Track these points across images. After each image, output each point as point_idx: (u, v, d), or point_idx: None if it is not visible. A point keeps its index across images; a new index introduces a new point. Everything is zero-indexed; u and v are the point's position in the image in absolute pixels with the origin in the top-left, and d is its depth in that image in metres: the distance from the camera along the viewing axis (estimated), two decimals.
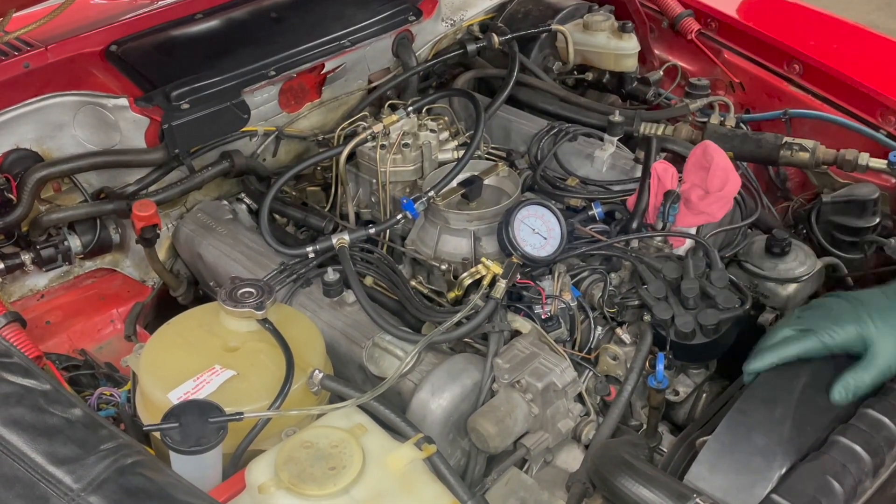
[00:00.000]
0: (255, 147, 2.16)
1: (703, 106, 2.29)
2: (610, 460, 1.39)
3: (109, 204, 1.98)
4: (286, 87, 2.16)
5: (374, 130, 1.99)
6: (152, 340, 1.54)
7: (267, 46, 2.16)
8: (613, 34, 2.40)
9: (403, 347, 1.61)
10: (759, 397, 1.42)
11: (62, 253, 2.00)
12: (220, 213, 2.06)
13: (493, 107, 2.18)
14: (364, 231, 1.84)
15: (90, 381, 1.78)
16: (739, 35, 2.41)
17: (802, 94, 2.27)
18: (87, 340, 2.01)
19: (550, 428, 1.54)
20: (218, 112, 2.01)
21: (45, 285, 2.07)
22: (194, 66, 2.07)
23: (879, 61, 2.27)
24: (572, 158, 2.09)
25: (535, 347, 1.57)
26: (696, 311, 1.65)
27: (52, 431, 1.29)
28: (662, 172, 1.88)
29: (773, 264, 1.86)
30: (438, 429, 1.52)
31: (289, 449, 1.30)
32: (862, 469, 1.32)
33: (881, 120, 2.12)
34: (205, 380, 1.42)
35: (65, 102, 1.97)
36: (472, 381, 1.55)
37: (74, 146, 2.00)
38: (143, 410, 1.49)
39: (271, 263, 1.85)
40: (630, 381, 1.62)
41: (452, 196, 1.88)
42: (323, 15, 2.28)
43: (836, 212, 2.04)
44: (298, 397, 1.45)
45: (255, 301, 1.52)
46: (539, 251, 1.71)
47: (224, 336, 1.53)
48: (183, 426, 1.29)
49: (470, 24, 2.49)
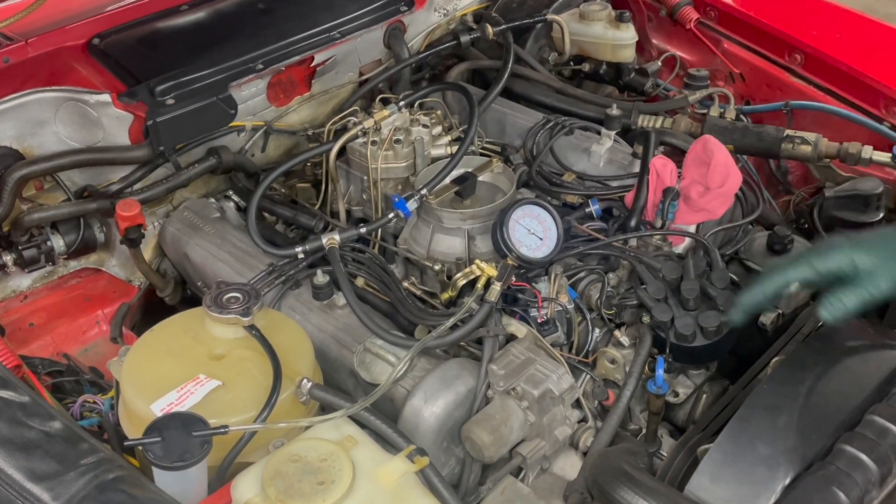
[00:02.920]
0: (244, 142, 2.11)
1: (702, 97, 2.25)
2: (609, 470, 1.35)
3: (93, 203, 1.93)
4: (274, 80, 2.11)
5: (364, 126, 1.94)
6: (135, 348, 1.49)
7: (254, 39, 2.11)
8: (610, 24, 2.35)
9: (395, 353, 1.57)
10: (762, 405, 1.38)
11: (45, 253, 1.95)
12: (208, 211, 2.01)
13: (488, 100, 2.13)
14: (355, 230, 1.79)
15: (74, 388, 1.73)
16: (740, 24, 2.35)
17: (804, 84, 2.21)
18: (72, 343, 1.97)
19: (547, 435, 1.50)
20: (204, 107, 1.95)
21: (29, 286, 2.03)
22: (179, 59, 2.01)
23: (883, 51, 2.22)
24: (569, 153, 2.04)
25: (530, 353, 1.53)
26: (697, 313, 1.61)
27: (31, 446, 1.26)
28: (661, 168, 1.84)
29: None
30: (432, 437, 1.47)
31: (276, 463, 1.25)
32: (868, 479, 1.28)
33: (885, 112, 2.07)
34: (189, 390, 1.37)
35: (46, 98, 1.91)
36: (466, 388, 1.51)
37: (56, 143, 1.95)
38: (126, 421, 1.45)
39: (259, 264, 1.80)
40: (629, 387, 1.58)
41: (446, 194, 1.83)
42: (312, 5, 2.23)
43: (839, 207, 2.00)
44: (286, 407, 1.40)
45: (242, 307, 1.47)
46: (535, 252, 1.67)
47: (209, 343, 1.48)
48: (165, 440, 1.24)
49: (463, 13, 2.44)
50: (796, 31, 2.26)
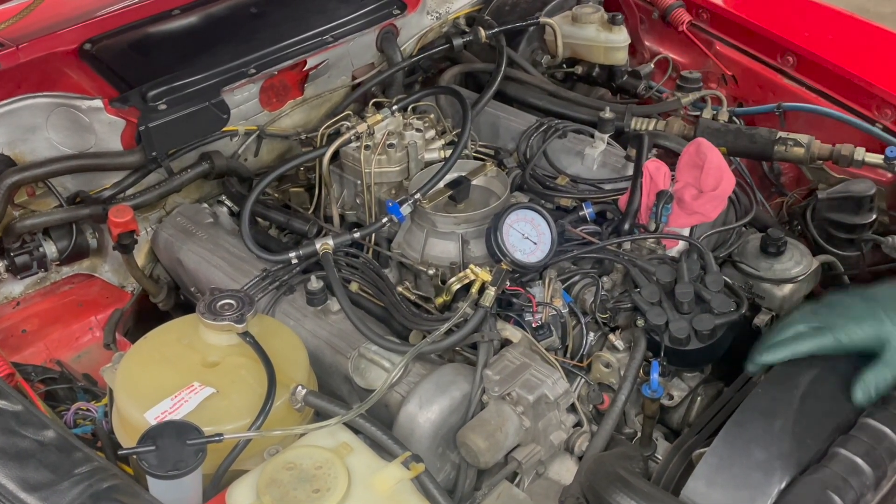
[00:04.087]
0: (236, 147, 2.10)
1: (695, 100, 2.25)
2: (605, 476, 1.34)
3: (85, 209, 1.92)
4: (267, 84, 2.09)
5: (358, 130, 1.93)
6: (128, 356, 1.49)
7: (247, 43, 2.09)
8: (603, 26, 2.35)
9: (390, 358, 1.56)
10: (758, 409, 1.38)
11: (37, 260, 1.94)
12: (201, 216, 2.00)
13: (481, 103, 2.13)
14: (349, 235, 1.79)
15: (67, 395, 1.72)
16: (732, 26, 2.36)
17: (796, 86, 2.22)
18: (65, 349, 1.96)
19: (542, 441, 1.50)
20: (197, 112, 1.94)
21: (21, 292, 2.02)
22: (171, 64, 2.00)
23: (875, 53, 2.23)
24: (562, 156, 2.04)
25: (525, 357, 1.52)
26: (691, 316, 1.61)
27: (24, 455, 1.25)
28: (655, 171, 1.84)
29: (769, 264, 1.82)
30: (427, 443, 1.47)
31: (271, 471, 1.25)
32: (863, 482, 1.28)
33: (877, 113, 2.07)
34: (183, 398, 1.36)
35: (37, 104, 1.90)
36: (461, 393, 1.50)
37: (48, 149, 1.94)
38: (120, 430, 1.44)
39: (253, 269, 1.80)
40: (624, 391, 1.57)
41: (439, 198, 1.83)
42: (305, 9, 2.22)
43: (832, 208, 2.00)
44: (281, 414, 1.40)
45: (235, 313, 1.47)
46: (529, 257, 1.66)
47: (203, 350, 1.47)
48: (160, 449, 1.24)
49: (456, 16, 2.43)
50: (788, 32, 2.26)
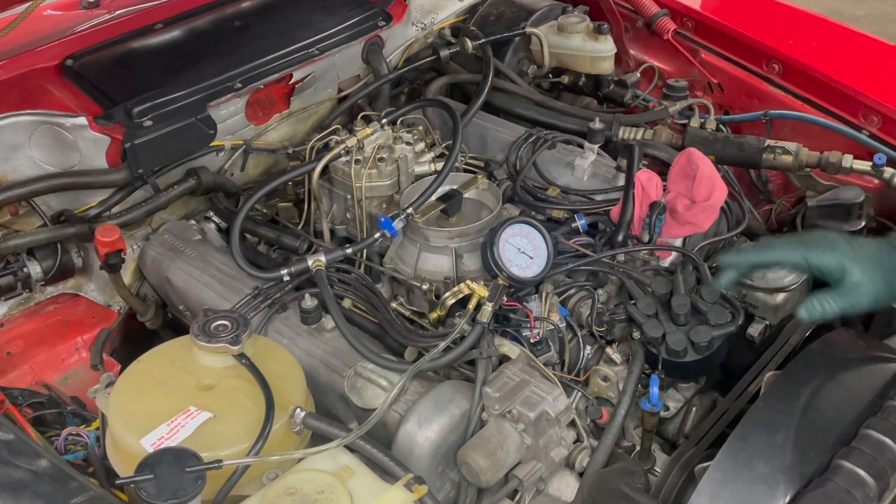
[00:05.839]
0: (223, 162, 2.08)
1: (682, 108, 2.25)
2: (608, 493, 1.34)
3: (70, 228, 1.89)
4: (253, 98, 2.08)
5: (347, 144, 1.91)
6: (121, 381, 1.45)
7: (232, 57, 2.07)
8: (589, 36, 2.35)
9: (387, 376, 1.54)
10: (760, 422, 1.38)
11: (21, 280, 1.91)
12: (188, 233, 1.97)
13: (469, 114, 2.12)
14: (341, 251, 1.76)
15: (56, 419, 1.69)
16: (716, 34, 2.36)
17: (782, 94, 2.23)
18: (51, 371, 1.92)
19: (543, 457, 1.48)
20: (183, 128, 1.92)
21: (5, 314, 1.98)
22: (156, 79, 1.98)
23: (860, 60, 2.24)
24: (552, 167, 2.03)
25: (525, 374, 1.51)
26: (688, 328, 1.60)
27: (18, 486, 1.23)
28: (646, 182, 1.84)
29: (762, 274, 1.81)
30: (427, 462, 1.45)
31: (272, 497, 1.23)
32: (867, 494, 1.28)
33: (863, 120, 2.08)
34: (179, 423, 1.34)
35: (19, 122, 1.86)
36: (460, 411, 1.49)
37: (31, 168, 1.90)
38: (115, 457, 1.41)
39: (244, 287, 1.77)
40: (623, 405, 1.57)
41: (431, 212, 1.81)
42: (290, 22, 2.20)
43: (822, 216, 2.01)
44: (279, 437, 1.37)
45: (231, 335, 1.44)
46: (525, 271, 1.65)
47: (198, 373, 1.44)
48: (158, 477, 1.21)
49: (441, 27, 2.42)
50: (773, 40, 2.27)
